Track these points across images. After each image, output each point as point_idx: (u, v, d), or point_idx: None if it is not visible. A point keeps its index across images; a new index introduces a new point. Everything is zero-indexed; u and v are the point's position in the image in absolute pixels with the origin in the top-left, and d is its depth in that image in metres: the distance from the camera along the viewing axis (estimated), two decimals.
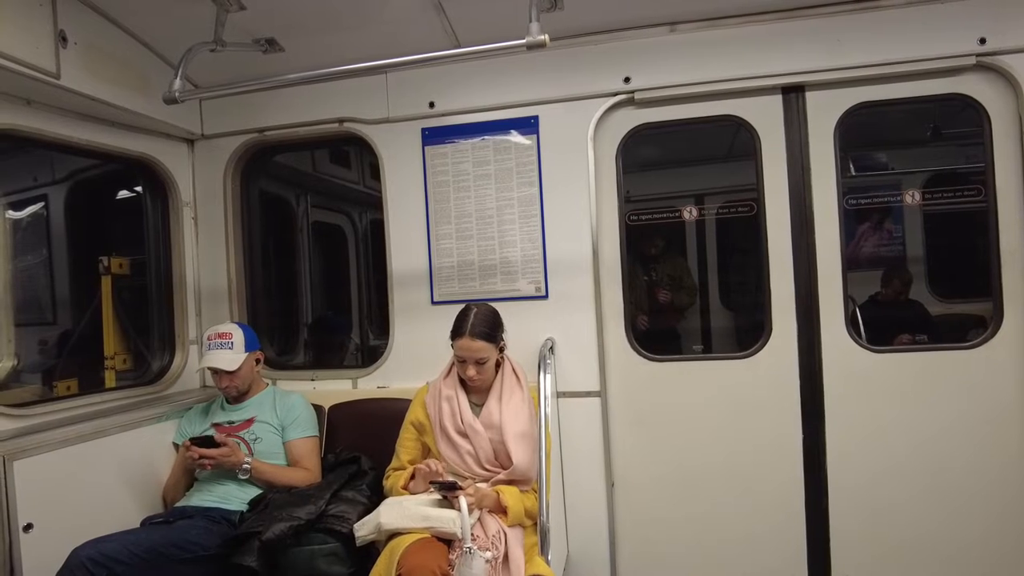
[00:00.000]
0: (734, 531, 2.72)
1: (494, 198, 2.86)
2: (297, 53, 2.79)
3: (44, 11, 2.29)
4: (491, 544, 2.11)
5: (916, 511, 2.59)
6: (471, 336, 2.35)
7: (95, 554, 2.06)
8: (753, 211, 2.72)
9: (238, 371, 2.68)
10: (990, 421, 2.52)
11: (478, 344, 2.35)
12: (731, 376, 2.73)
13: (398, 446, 2.51)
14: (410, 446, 2.49)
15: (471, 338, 2.35)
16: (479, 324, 2.38)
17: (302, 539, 2.23)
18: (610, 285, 2.79)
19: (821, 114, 2.64)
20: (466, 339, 2.36)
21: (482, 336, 2.36)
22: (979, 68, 2.49)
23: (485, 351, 2.37)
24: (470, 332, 2.35)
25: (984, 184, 2.54)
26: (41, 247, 3.73)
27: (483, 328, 2.37)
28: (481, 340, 2.36)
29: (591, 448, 2.77)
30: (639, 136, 2.80)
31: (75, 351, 3.35)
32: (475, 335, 2.35)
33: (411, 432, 2.51)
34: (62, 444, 2.33)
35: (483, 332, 2.37)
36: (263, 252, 3.44)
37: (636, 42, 2.72)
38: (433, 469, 2.27)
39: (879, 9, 2.54)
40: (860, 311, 2.98)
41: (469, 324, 2.37)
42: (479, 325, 2.37)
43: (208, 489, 2.57)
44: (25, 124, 2.43)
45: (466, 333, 2.36)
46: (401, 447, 2.50)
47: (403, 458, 2.47)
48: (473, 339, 2.35)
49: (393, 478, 2.43)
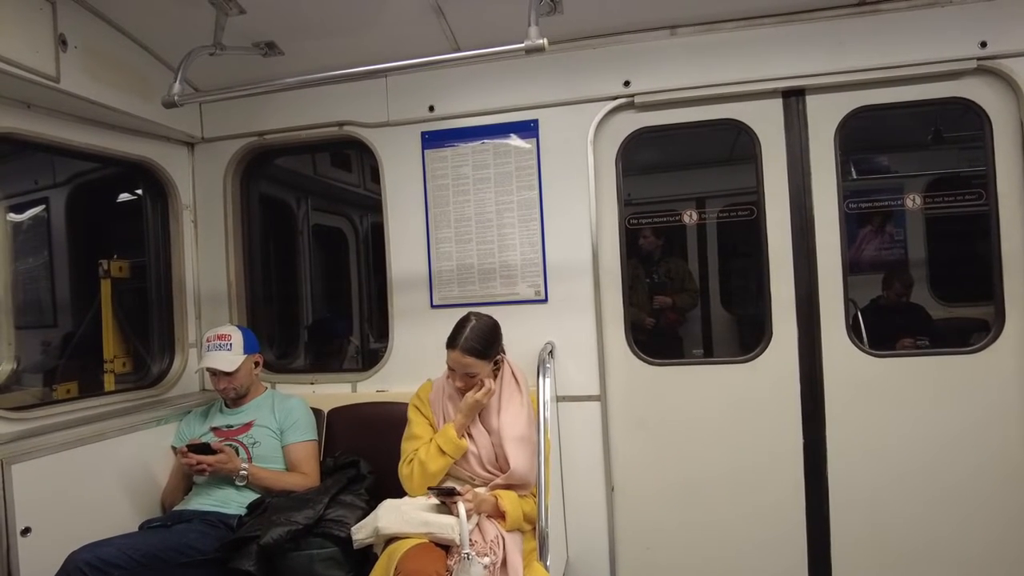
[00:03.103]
0: (734, 536, 2.71)
1: (494, 202, 2.86)
2: (297, 56, 2.79)
3: (44, 15, 2.29)
4: (489, 549, 2.10)
5: (918, 516, 2.57)
6: (462, 351, 2.33)
7: (92, 558, 2.06)
8: (753, 215, 2.71)
9: (236, 372, 2.68)
10: (992, 426, 2.51)
11: (468, 360, 2.33)
12: (731, 380, 2.72)
13: (407, 437, 2.44)
14: (421, 429, 2.43)
15: (462, 353, 2.33)
16: (472, 339, 2.34)
17: (300, 543, 2.22)
18: (610, 289, 2.78)
19: (822, 118, 2.64)
20: (457, 353, 2.34)
21: (473, 352, 2.33)
22: (980, 72, 2.48)
23: (475, 367, 2.34)
24: (462, 347, 2.33)
25: (985, 188, 2.54)
26: (42, 250, 3.74)
27: (475, 344, 2.34)
28: (471, 356, 2.33)
29: (591, 453, 2.76)
30: (639, 140, 2.79)
31: (75, 354, 3.36)
32: (466, 351, 2.33)
33: (419, 416, 2.47)
34: (60, 448, 2.33)
35: (474, 348, 2.33)
36: (263, 255, 3.44)
37: (636, 46, 2.71)
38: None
39: (879, 13, 2.53)
40: (862, 315, 2.97)
41: (462, 338, 2.34)
42: (472, 340, 2.34)
43: (207, 493, 2.56)
44: (25, 128, 2.43)
45: (458, 347, 2.34)
46: (410, 433, 2.44)
47: (417, 432, 2.42)
48: (464, 354, 2.33)
49: (416, 457, 2.34)
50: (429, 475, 2.30)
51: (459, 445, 2.32)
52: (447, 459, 2.31)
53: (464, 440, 2.35)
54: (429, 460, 2.31)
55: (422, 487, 2.30)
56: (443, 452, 2.31)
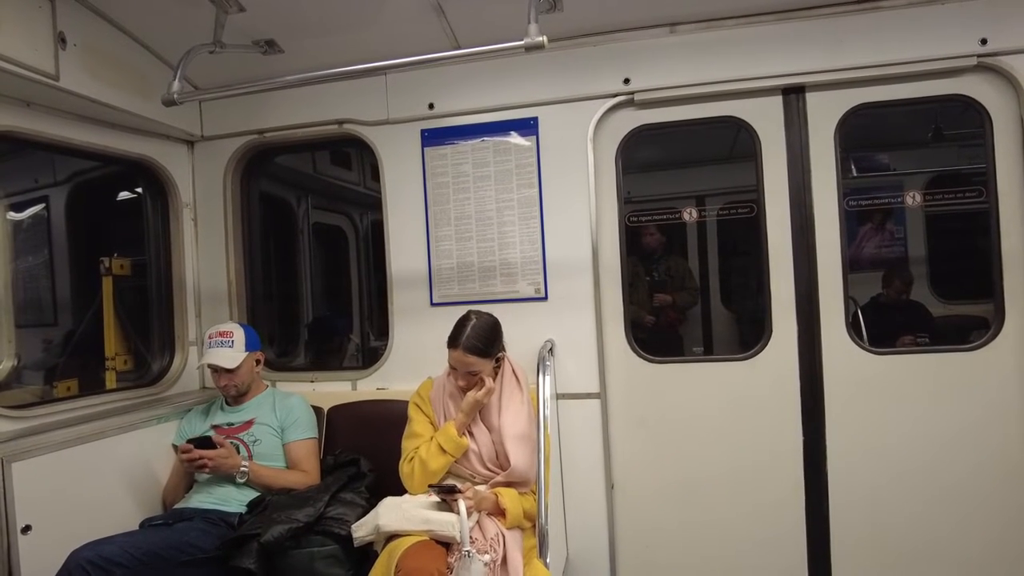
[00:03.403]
0: (734, 534, 2.71)
1: (493, 199, 2.86)
2: (297, 54, 2.79)
3: (43, 13, 2.29)
4: (490, 547, 2.11)
5: (917, 514, 2.58)
6: (464, 350, 2.33)
7: (94, 556, 2.06)
8: (753, 212, 2.71)
9: (237, 370, 2.68)
10: (992, 423, 2.51)
11: (470, 358, 2.34)
12: (731, 378, 2.72)
13: (407, 435, 2.45)
14: (421, 428, 2.44)
15: (464, 352, 2.33)
16: (473, 337, 2.35)
17: (301, 541, 2.23)
18: (610, 286, 2.78)
19: (822, 115, 2.63)
20: (459, 352, 2.34)
21: (474, 351, 2.34)
22: (980, 69, 2.48)
23: (477, 365, 2.35)
24: (463, 345, 2.33)
25: (985, 185, 2.53)
26: (42, 248, 3.74)
27: (477, 342, 2.34)
28: (473, 355, 2.33)
29: (591, 450, 2.76)
30: (639, 137, 2.79)
31: (76, 352, 3.36)
32: (468, 349, 2.33)
33: (420, 414, 2.48)
34: (61, 446, 2.33)
35: (476, 347, 2.34)
36: (263, 253, 3.44)
37: (636, 43, 2.71)
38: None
39: (880, 10, 2.53)
40: (862, 312, 2.97)
41: (464, 336, 2.34)
42: (473, 339, 2.35)
43: (207, 491, 2.56)
44: (25, 126, 2.43)
45: (460, 346, 2.34)
46: (410, 431, 2.44)
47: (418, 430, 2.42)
48: (466, 353, 2.33)
49: (416, 455, 2.34)
50: (430, 473, 2.30)
51: (460, 444, 2.33)
52: (448, 457, 2.32)
53: (465, 438, 2.35)
54: (430, 458, 2.31)
55: (423, 485, 2.31)
56: (444, 451, 2.32)
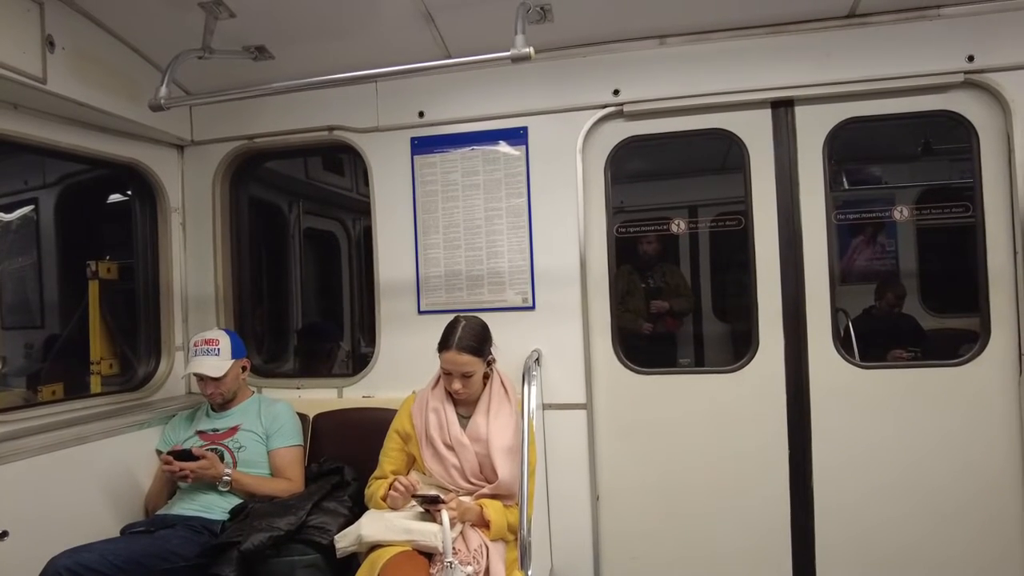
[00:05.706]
0: (719, 546, 2.70)
1: (482, 208, 2.85)
2: (287, 61, 2.78)
3: (31, 16, 2.28)
4: (472, 558, 2.10)
5: (902, 528, 2.57)
6: (458, 350, 2.33)
7: (72, 564, 2.05)
8: (741, 225, 2.71)
9: (223, 378, 2.67)
10: (977, 438, 2.51)
11: (465, 358, 2.34)
12: (717, 390, 2.71)
13: (382, 455, 2.49)
14: (394, 456, 2.47)
15: (458, 351, 2.33)
16: (466, 337, 2.36)
17: (281, 550, 2.21)
18: (597, 297, 2.78)
19: (810, 129, 2.64)
20: (453, 352, 2.34)
21: (469, 350, 2.34)
22: (967, 85, 2.49)
23: (472, 365, 2.35)
24: (457, 345, 2.33)
25: (972, 201, 2.54)
26: (30, 251, 3.72)
27: (470, 342, 2.35)
28: (468, 354, 2.34)
29: (576, 461, 2.75)
30: (628, 148, 2.79)
31: (61, 355, 3.34)
32: (462, 348, 2.34)
33: (396, 441, 2.48)
34: (41, 451, 2.31)
35: (470, 346, 2.35)
36: (253, 259, 3.43)
37: (625, 55, 2.72)
38: (405, 485, 2.24)
39: (868, 25, 2.54)
40: (853, 325, 2.98)
41: (456, 337, 2.35)
42: (466, 338, 2.35)
43: (190, 498, 2.54)
44: (12, 129, 2.42)
45: (453, 346, 2.34)
46: (385, 456, 2.48)
47: (386, 468, 2.45)
48: (460, 353, 2.33)
49: (375, 487, 2.41)
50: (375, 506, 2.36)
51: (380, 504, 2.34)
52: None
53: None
54: (375, 497, 2.37)
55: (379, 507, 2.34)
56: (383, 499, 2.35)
